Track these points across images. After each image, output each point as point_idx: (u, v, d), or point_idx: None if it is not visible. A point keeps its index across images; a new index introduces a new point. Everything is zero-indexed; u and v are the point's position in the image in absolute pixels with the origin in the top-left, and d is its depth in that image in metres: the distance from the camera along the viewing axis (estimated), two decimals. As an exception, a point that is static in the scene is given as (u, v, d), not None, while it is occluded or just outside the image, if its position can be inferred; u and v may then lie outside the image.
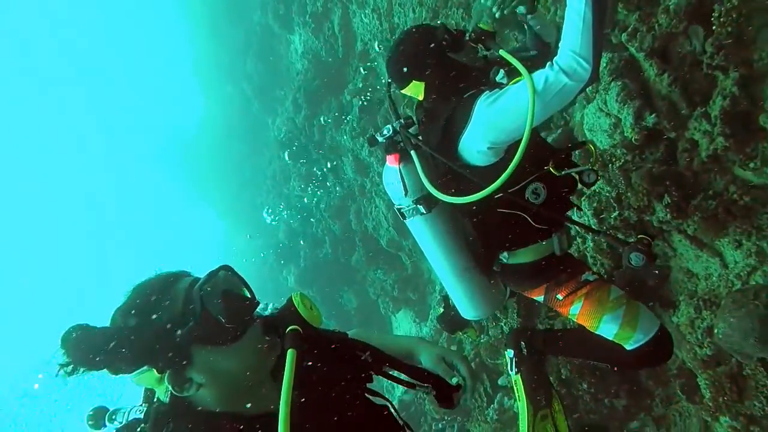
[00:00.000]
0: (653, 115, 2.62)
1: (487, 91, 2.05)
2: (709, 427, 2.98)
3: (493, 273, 2.55)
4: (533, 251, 2.39)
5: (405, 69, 2.23)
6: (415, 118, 2.33)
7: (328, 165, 8.81)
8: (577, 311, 2.43)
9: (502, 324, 4.15)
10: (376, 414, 1.38)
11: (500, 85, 2.11)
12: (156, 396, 1.21)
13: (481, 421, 4.12)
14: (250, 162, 15.33)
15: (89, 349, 1.05)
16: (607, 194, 2.99)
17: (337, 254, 9.36)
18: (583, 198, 3.17)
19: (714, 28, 2.32)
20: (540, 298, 2.55)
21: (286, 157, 9.93)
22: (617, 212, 2.92)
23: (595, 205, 3.02)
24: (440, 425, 5.44)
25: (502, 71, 2.19)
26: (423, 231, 2.35)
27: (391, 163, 2.26)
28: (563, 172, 2.19)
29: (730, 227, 2.66)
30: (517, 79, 2.00)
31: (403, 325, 8.13)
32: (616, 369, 2.95)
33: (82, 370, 1.06)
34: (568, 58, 1.85)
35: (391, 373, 1.41)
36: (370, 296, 8.75)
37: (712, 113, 2.44)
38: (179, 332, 1.12)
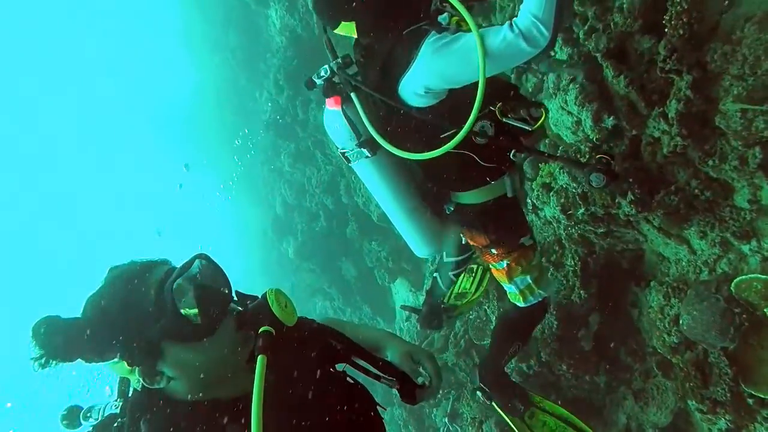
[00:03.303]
0: (611, 118, 2.60)
1: (435, 33, 1.89)
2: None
3: (444, 213, 2.55)
4: (485, 192, 2.38)
5: (330, 10, 2.04)
6: (352, 57, 2.19)
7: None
8: (501, 267, 2.58)
9: (486, 308, 4.25)
10: (351, 395, 1.38)
11: (446, 28, 1.92)
12: (131, 388, 1.21)
13: (471, 401, 4.28)
14: (244, 134, 15.20)
15: (61, 341, 1.04)
16: (573, 191, 3.00)
17: (332, 227, 9.41)
18: (551, 193, 3.19)
19: (666, 30, 2.27)
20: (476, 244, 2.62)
21: (273, 136, 9.86)
22: (583, 209, 2.94)
23: (562, 201, 3.04)
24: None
25: (445, 15, 1.98)
26: (369, 173, 2.30)
27: (332, 106, 2.17)
28: (505, 120, 2.09)
29: (693, 219, 2.69)
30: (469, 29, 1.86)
31: (402, 293, 8.25)
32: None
33: (54, 362, 1.05)
34: (528, 22, 1.75)
35: (358, 362, 1.44)
36: (367, 265, 8.84)
37: (669, 114, 2.42)
38: (150, 328, 1.11)
